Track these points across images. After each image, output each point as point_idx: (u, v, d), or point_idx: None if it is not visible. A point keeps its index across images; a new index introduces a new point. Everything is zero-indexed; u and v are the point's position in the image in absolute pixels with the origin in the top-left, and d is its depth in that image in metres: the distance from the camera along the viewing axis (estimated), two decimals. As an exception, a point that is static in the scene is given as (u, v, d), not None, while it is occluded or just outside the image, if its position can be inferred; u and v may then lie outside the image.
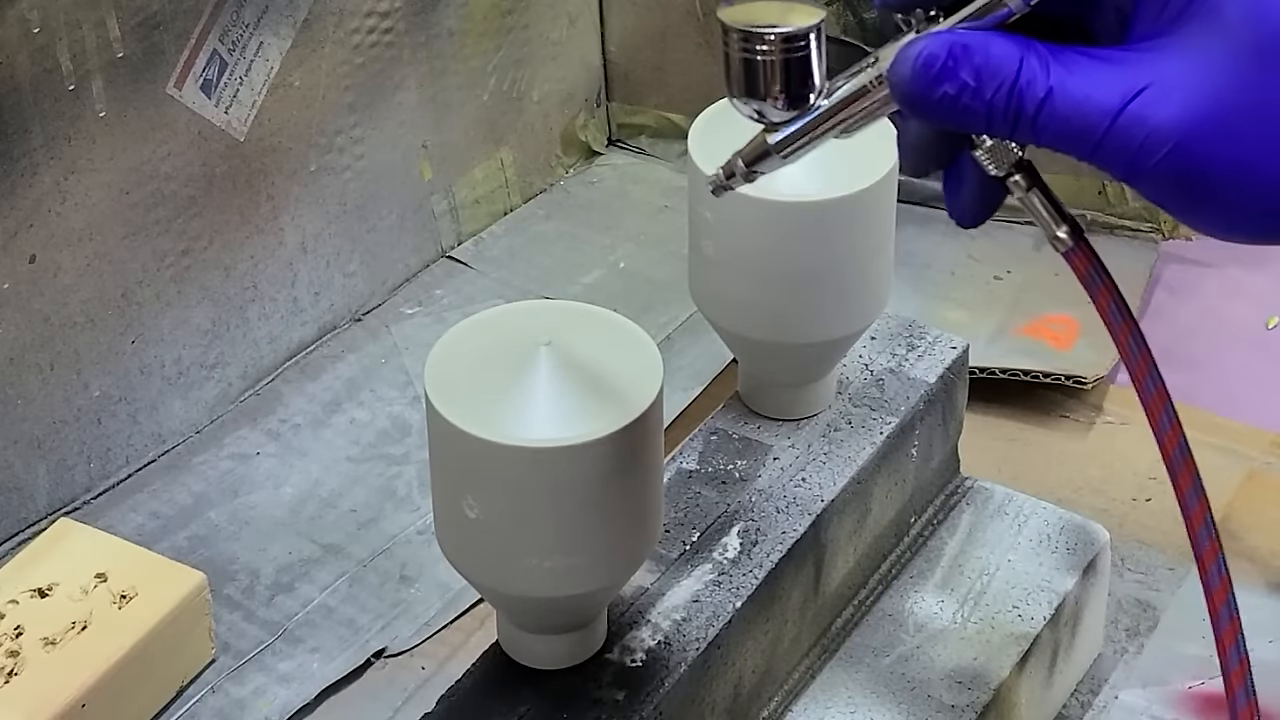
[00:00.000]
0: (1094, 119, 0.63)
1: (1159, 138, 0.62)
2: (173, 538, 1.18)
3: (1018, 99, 0.64)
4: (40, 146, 1.11)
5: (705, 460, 0.97)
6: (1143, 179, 0.63)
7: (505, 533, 0.80)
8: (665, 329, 1.34)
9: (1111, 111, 0.62)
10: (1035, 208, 0.70)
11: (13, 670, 1.01)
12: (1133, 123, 0.62)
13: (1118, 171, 0.64)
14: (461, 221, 1.43)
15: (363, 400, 1.29)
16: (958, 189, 0.71)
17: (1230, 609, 0.74)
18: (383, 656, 1.12)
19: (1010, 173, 0.69)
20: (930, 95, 0.65)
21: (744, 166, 0.73)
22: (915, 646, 0.99)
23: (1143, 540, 1.18)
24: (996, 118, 0.64)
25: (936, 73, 0.65)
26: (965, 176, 0.70)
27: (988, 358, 1.29)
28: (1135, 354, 0.70)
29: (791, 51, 0.70)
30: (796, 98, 0.70)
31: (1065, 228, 0.70)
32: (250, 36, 1.22)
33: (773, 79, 0.70)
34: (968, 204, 0.71)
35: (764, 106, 0.71)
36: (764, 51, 0.69)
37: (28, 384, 1.15)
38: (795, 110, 0.71)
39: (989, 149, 0.69)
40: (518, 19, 1.43)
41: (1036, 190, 0.70)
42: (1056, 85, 0.63)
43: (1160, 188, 0.63)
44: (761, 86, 0.70)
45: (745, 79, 0.70)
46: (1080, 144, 0.64)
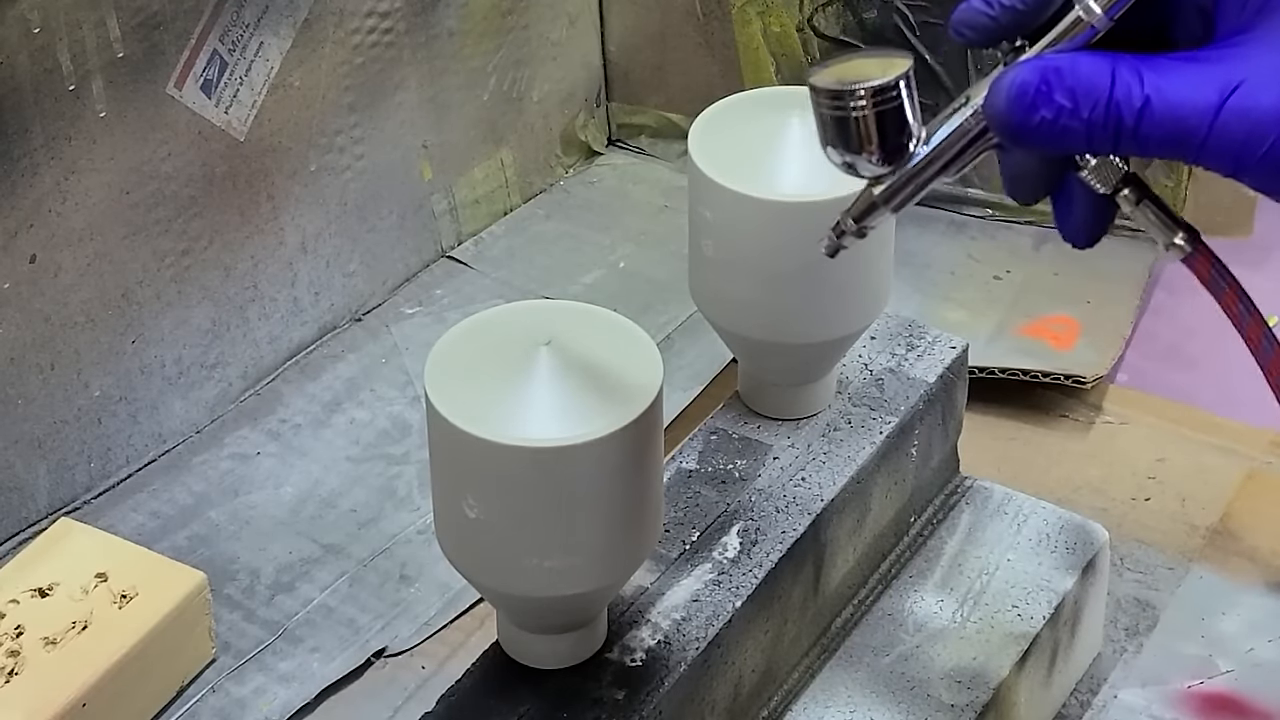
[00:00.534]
0: (1195, 120, 0.63)
1: (1263, 128, 0.63)
2: (173, 537, 1.18)
3: (1116, 112, 0.64)
4: (40, 146, 1.11)
5: (705, 460, 0.97)
6: (1252, 172, 0.64)
7: (505, 533, 0.80)
8: (665, 329, 1.34)
9: (1212, 109, 0.63)
10: (1148, 219, 0.70)
11: (13, 670, 1.01)
12: (1234, 117, 0.63)
13: (1226, 168, 0.64)
14: (461, 221, 1.43)
15: (363, 400, 1.29)
16: (1068, 212, 0.71)
17: None
18: (383, 656, 1.12)
19: (1118, 188, 0.69)
20: (1029, 122, 0.65)
21: (854, 224, 0.74)
22: (915, 646, 1.00)
23: (1142, 540, 1.18)
24: (1097, 134, 0.65)
25: (1031, 99, 0.65)
26: (1074, 198, 0.71)
27: (987, 358, 1.29)
28: (1269, 351, 0.71)
29: (883, 104, 0.69)
30: (893, 150, 0.70)
31: (1182, 234, 0.70)
32: (250, 36, 1.22)
33: (867, 133, 0.70)
34: (1080, 225, 0.71)
35: (857, 160, 0.71)
36: (856, 108, 0.69)
37: (28, 384, 1.15)
38: (892, 164, 0.71)
39: (1094, 168, 0.69)
40: (518, 19, 1.43)
41: (1147, 201, 0.70)
42: (1153, 93, 0.64)
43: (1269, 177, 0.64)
44: (857, 142, 0.70)
45: (839, 136, 0.70)
46: (1185, 147, 0.64)
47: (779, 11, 1.44)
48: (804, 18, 1.44)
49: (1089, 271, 1.38)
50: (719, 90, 0.99)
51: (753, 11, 1.45)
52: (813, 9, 1.43)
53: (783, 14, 1.44)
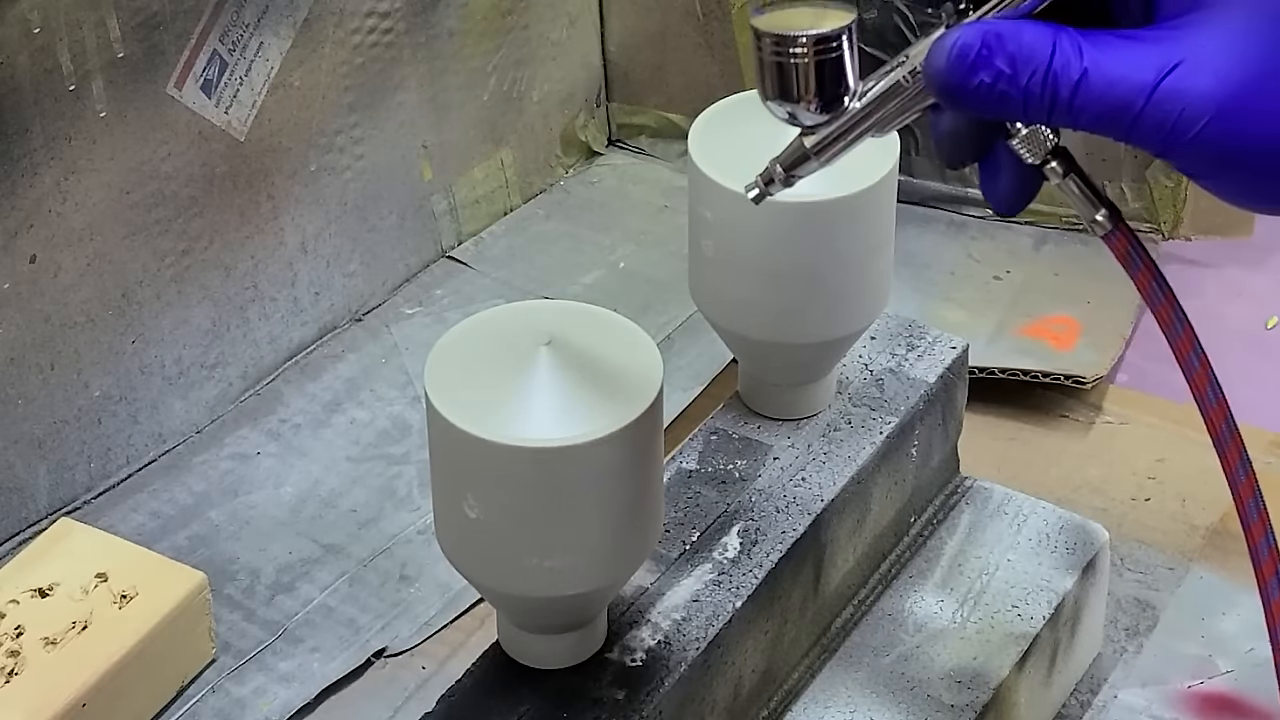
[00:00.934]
0: (1129, 97, 0.64)
1: (1195, 111, 0.63)
2: (173, 537, 1.18)
3: (1053, 82, 0.65)
4: (40, 146, 1.11)
5: (705, 460, 0.97)
6: (1180, 153, 0.64)
7: (505, 533, 0.80)
8: (665, 329, 1.34)
9: (1147, 88, 0.63)
10: (1073, 193, 0.70)
11: (13, 670, 1.01)
12: (1168, 98, 0.63)
13: (1154, 147, 0.64)
14: (461, 221, 1.43)
15: (363, 400, 1.29)
16: (995, 178, 0.72)
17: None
18: (383, 656, 1.12)
19: (1046, 160, 0.70)
20: (966, 85, 0.66)
21: (783, 172, 0.74)
22: (915, 646, 1.00)
23: (1142, 540, 1.18)
24: (1033, 103, 0.65)
25: (971, 62, 0.66)
26: (1002, 166, 0.71)
27: (988, 358, 1.29)
28: (1178, 331, 0.71)
29: (824, 54, 0.70)
30: (830, 100, 0.71)
31: (1104, 211, 0.70)
32: (250, 36, 1.22)
33: (806, 82, 0.71)
34: (1005, 193, 0.72)
35: (797, 109, 0.72)
36: (796, 55, 0.70)
37: (28, 384, 1.15)
38: (829, 113, 0.72)
39: (1024, 137, 0.69)
40: (518, 19, 1.43)
41: (1073, 175, 0.70)
42: (1091, 66, 0.64)
43: (1197, 161, 0.64)
44: (795, 90, 0.71)
45: (779, 82, 0.71)
46: (1117, 123, 0.64)
47: (779, 11, 1.44)
48: (804, 18, 1.43)
49: (1089, 271, 1.38)
50: (719, 90, 0.99)
51: (753, 11, 1.45)
52: (813, 9, 1.43)
53: (783, 14, 1.44)
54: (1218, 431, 0.72)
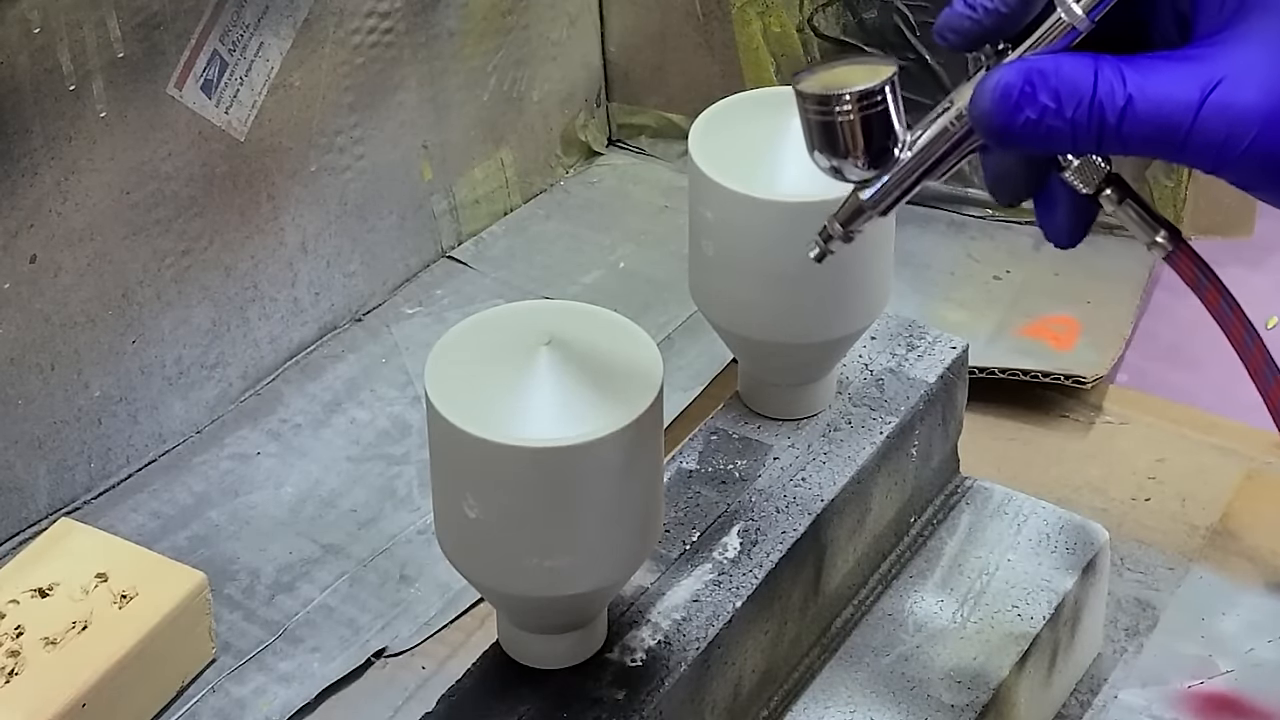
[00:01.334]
0: (1177, 117, 0.64)
1: (1243, 124, 0.64)
2: (173, 538, 1.18)
3: (1099, 111, 0.65)
4: (40, 146, 1.11)
5: (705, 460, 0.97)
6: (1233, 168, 0.65)
7: (505, 533, 0.80)
8: (665, 329, 1.34)
9: (1193, 106, 0.64)
10: (1130, 218, 0.71)
11: (13, 670, 1.01)
12: (1215, 114, 0.64)
13: (1207, 164, 0.65)
14: (461, 221, 1.43)
15: (363, 400, 1.29)
16: (1051, 212, 0.72)
17: None
18: (383, 656, 1.12)
19: (1101, 188, 0.70)
20: (1013, 123, 0.66)
21: (840, 229, 0.75)
22: (915, 646, 1.00)
23: (1142, 540, 1.18)
24: (1081, 134, 0.66)
25: (1016, 100, 0.66)
26: (1057, 199, 0.71)
27: (988, 358, 1.29)
28: (1250, 348, 0.72)
29: (868, 109, 0.71)
30: (879, 153, 0.72)
31: (1164, 233, 0.71)
32: (250, 36, 1.22)
33: (853, 139, 0.71)
34: (1063, 225, 0.72)
35: (844, 165, 0.72)
36: (841, 113, 0.71)
37: (28, 384, 1.15)
38: (878, 166, 0.72)
39: (1076, 168, 0.69)
40: (518, 19, 1.43)
41: (1130, 200, 0.70)
42: (1135, 91, 0.65)
43: (1250, 173, 0.65)
44: (842, 147, 0.72)
45: (826, 141, 0.72)
46: (1167, 145, 0.65)
47: (779, 11, 1.44)
48: (804, 18, 1.44)
49: (1089, 271, 1.38)
50: (719, 90, 0.99)
51: (753, 11, 1.45)
52: (813, 9, 1.43)
53: (783, 14, 1.44)
54: None
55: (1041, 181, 0.71)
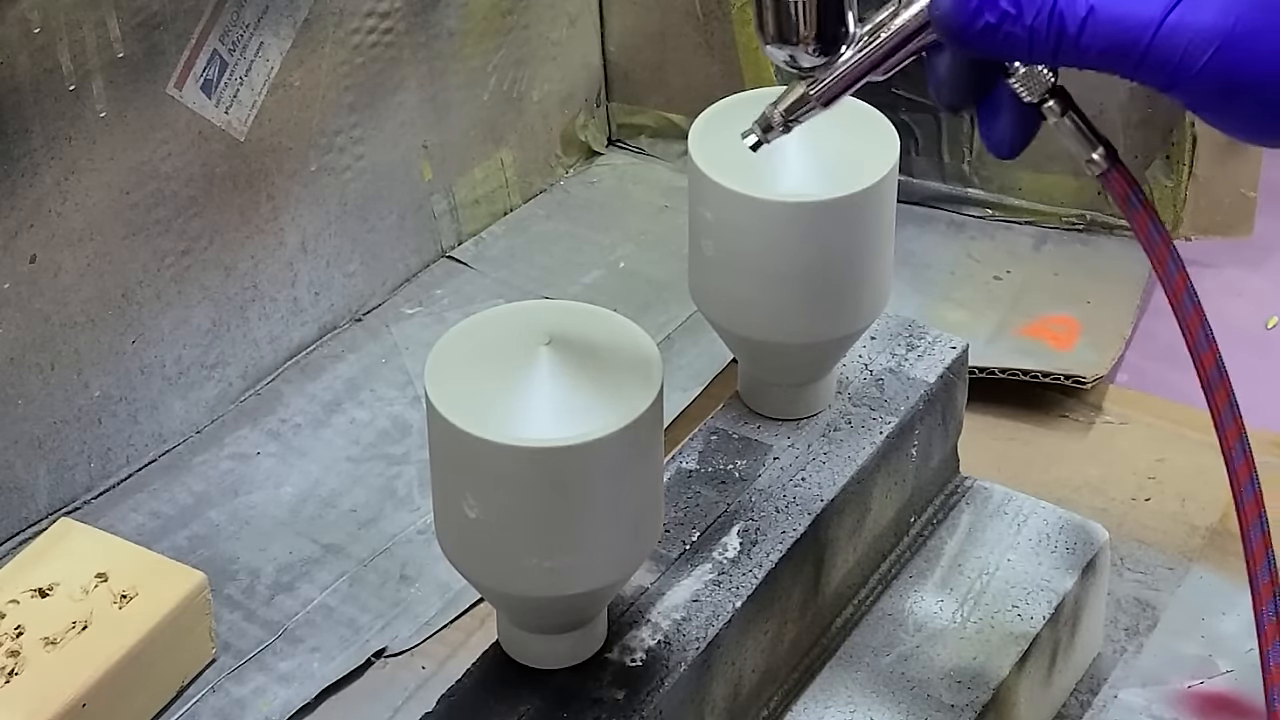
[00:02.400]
0: (1136, 32, 0.64)
1: (1201, 42, 0.64)
2: (173, 537, 1.18)
3: (1059, 20, 0.65)
4: (41, 146, 1.11)
5: (705, 460, 0.97)
6: (1186, 87, 0.65)
7: (505, 533, 0.80)
8: (665, 329, 1.34)
9: (1154, 22, 0.64)
10: (1070, 131, 0.71)
11: (13, 670, 1.01)
12: (1174, 31, 0.64)
13: (1161, 82, 0.65)
14: (461, 221, 1.43)
15: (363, 400, 1.29)
16: (993, 120, 0.72)
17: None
18: (383, 656, 1.12)
19: (1044, 98, 0.70)
20: (973, 25, 0.66)
21: (781, 118, 0.75)
22: (915, 646, 1.00)
23: (1142, 540, 1.18)
24: (1039, 42, 0.66)
25: (976, 4, 0.66)
26: (1000, 107, 0.71)
27: (987, 358, 1.29)
28: (1173, 271, 0.71)
29: None
30: (830, 41, 0.72)
31: (1101, 149, 0.71)
32: (250, 36, 1.22)
33: (806, 22, 0.71)
34: (1004, 134, 0.72)
35: (796, 51, 0.72)
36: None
37: (28, 384, 1.15)
38: (828, 55, 0.72)
39: (1022, 76, 0.70)
40: (518, 19, 1.43)
41: (1071, 114, 0.70)
42: (1097, 3, 0.65)
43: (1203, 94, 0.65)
44: (795, 31, 0.72)
45: (778, 24, 0.72)
46: (1124, 60, 0.65)
47: (779, 11, 1.44)
48: (804, 18, 1.43)
49: (1089, 271, 1.38)
50: (719, 90, 0.99)
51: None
52: (813, 9, 1.43)
53: (783, 14, 1.44)
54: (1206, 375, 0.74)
55: (986, 88, 0.71)
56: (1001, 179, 1.44)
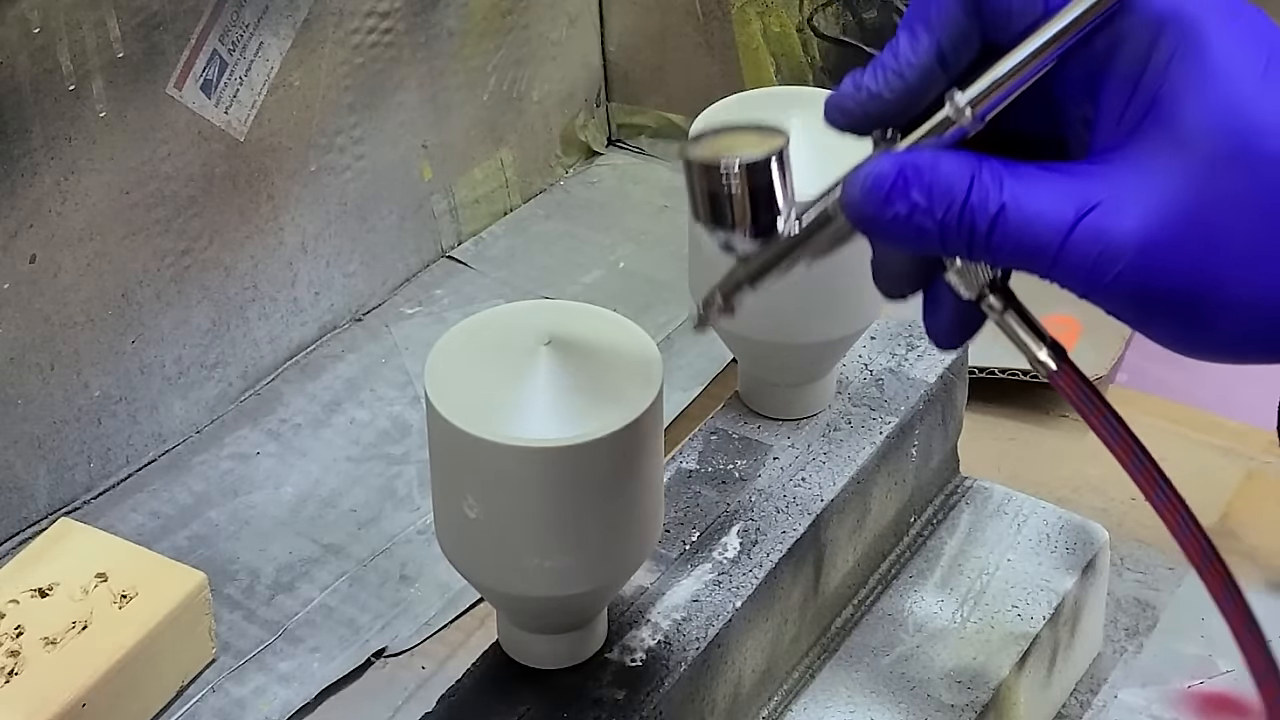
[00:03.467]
0: (1047, 235, 0.61)
1: (1114, 252, 0.61)
2: (173, 537, 1.18)
3: (970, 216, 0.62)
4: (40, 146, 1.11)
5: (705, 460, 0.97)
6: (1101, 295, 0.62)
7: (505, 533, 0.80)
8: (665, 329, 1.34)
9: (1065, 227, 0.61)
10: (1013, 330, 0.68)
11: (13, 670, 1.01)
12: (1087, 238, 0.61)
13: (1077, 288, 0.62)
14: (461, 221, 1.43)
15: (363, 400, 1.29)
16: (935, 311, 0.69)
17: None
18: (383, 656, 1.12)
19: (983, 294, 0.67)
20: (882, 216, 0.63)
21: (721, 300, 0.71)
22: (915, 646, 1.00)
23: (1142, 540, 1.18)
24: (950, 236, 0.63)
25: (886, 194, 0.63)
26: (941, 300, 0.68)
27: (987, 358, 1.29)
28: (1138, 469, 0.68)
29: (753, 180, 0.67)
30: (765, 226, 0.68)
31: (1045, 350, 0.68)
32: (250, 36, 1.22)
33: (738, 209, 0.67)
34: (944, 327, 0.69)
35: (731, 236, 0.68)
36: (727, 182, 0.67)
37: (28, 384, 1.15)
38: (761, 238, 0.68)
39: (959, 270, 0.66)
40: (518, 19, 1.43)
41: (1012, 312, 0.67)
42: (1009, 201, 0.62)
43: (1119, 303, 0.62)
44: (728, 217, 0.68)
45: (711, 211, 0.68)
46: (1037, 261, 0.62)
47: (779, 11, 1.44)
48: (804, 18, 1.44)
49: (1089, 271, 1.38)
50: (719, 90, 0.99)
51: (753, 11, 1.45)
52: (813, 9, 1.43)
53: (783, 14, 1.44)
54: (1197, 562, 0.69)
55: (926, 280, 0.68)
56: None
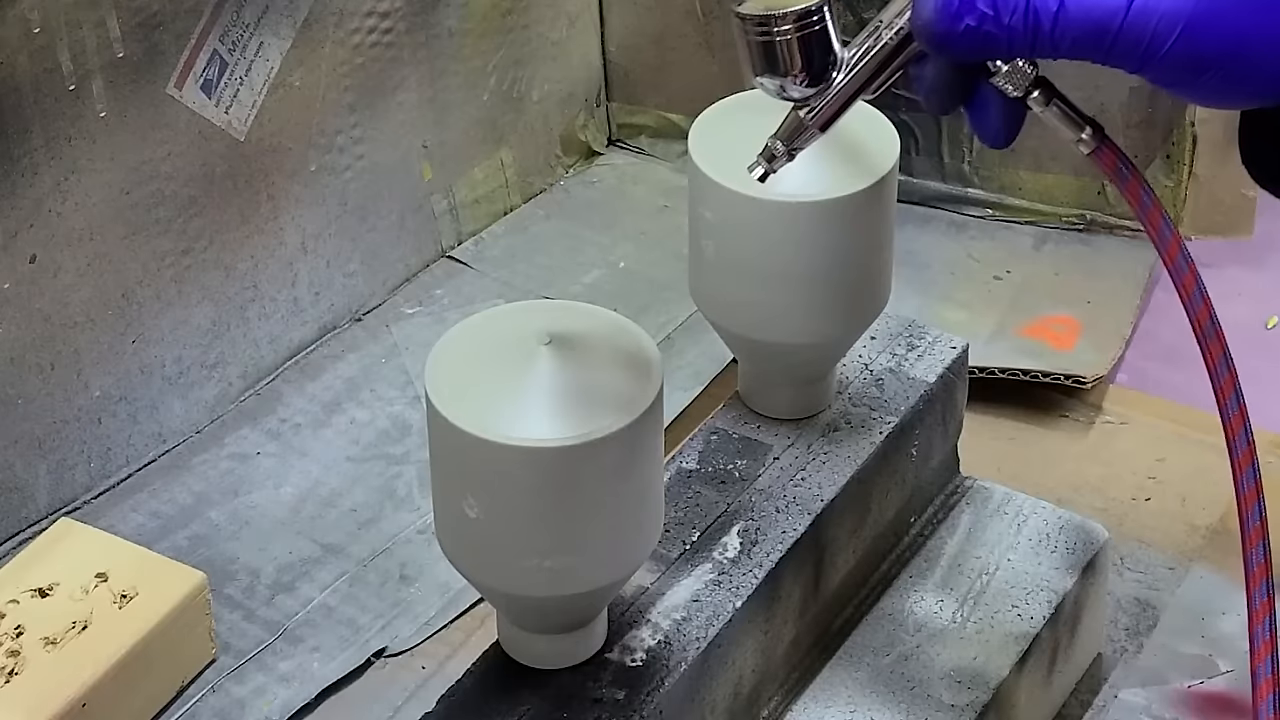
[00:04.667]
0: (1106, 19, 0.68)
1: (1167, 25, 0.67)
2: (173, 537, 1.18)
3: (1034, 17, 0.69)
4: (41, 146, 1.11)
5: (705, 460, 0.97)
6: (1155, 67, 0.68)
7: (505, 533, 0.80)
8: (665, 329, 1.34)
9: (1122, 9, 0.68)
10: (1057, 118, 0.74)
11: (13, 670, 1.01)
12: (1142, 16, 0.67)
13: (1132, 64, 0.69)
14: (461, 221, 1.43)
15: (363, 400, 1.29)
16: (984, 117, 0.75)
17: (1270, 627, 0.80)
18: (383, 656, 1.12)
19: (1029, 91, 0.73)
20: (954, 30, 0.70)
21: (783, 147, 0.78)
22: (915, 646, 1.00)
23: (1142, 540, 1.18)
24: (1017, 39, 0.69)
25: (956, 9, 0.69)
26: (988, 105, 0.74)
27: (987, 358, 1.29)
28: (1167, 235, 0.75)
29: (806, 28, 0.74)
30: (819, 71, 0.75)
31: (1089, 129, 0.74)
32: (250, 36, 1.22)
33: (793, 57, 0.75)
34: (995, 128, 0.75)
35: (786, 83, 0.75)
36: (781, 33, 0.74)
37: (28, 384, 1.15)
38: (817, 84, 0.75)
39: (1006, 73, 0.73)
40: (518, 19, 1.43)
41: (1056, 101, 0.73)
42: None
43: (1173, 73, 0.68)
44: (783, 66, 0.75)
45: (766, 61, 0.75)
46: (1096, 47, 0.68)
47: (779, 11, 1.44)
48: (804, 18, 1.44)
49: (1089, 271, 1.38)
50: (719, 90, 0.99)
51: (753, 11, 1.45)
52: (813, 9, 1.43)
53: (783, 14, 1.44)
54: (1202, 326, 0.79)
55: (972, 89, 0.74)
56: (1002, 179, 1.44)
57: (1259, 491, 0.78)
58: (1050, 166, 1.41)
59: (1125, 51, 0.68)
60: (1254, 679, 0.82)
